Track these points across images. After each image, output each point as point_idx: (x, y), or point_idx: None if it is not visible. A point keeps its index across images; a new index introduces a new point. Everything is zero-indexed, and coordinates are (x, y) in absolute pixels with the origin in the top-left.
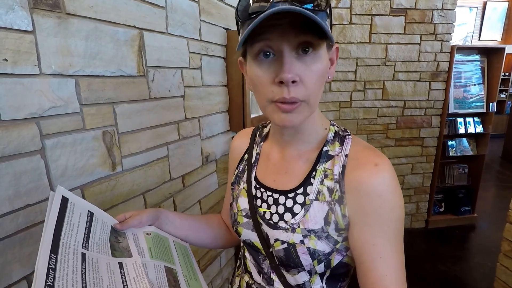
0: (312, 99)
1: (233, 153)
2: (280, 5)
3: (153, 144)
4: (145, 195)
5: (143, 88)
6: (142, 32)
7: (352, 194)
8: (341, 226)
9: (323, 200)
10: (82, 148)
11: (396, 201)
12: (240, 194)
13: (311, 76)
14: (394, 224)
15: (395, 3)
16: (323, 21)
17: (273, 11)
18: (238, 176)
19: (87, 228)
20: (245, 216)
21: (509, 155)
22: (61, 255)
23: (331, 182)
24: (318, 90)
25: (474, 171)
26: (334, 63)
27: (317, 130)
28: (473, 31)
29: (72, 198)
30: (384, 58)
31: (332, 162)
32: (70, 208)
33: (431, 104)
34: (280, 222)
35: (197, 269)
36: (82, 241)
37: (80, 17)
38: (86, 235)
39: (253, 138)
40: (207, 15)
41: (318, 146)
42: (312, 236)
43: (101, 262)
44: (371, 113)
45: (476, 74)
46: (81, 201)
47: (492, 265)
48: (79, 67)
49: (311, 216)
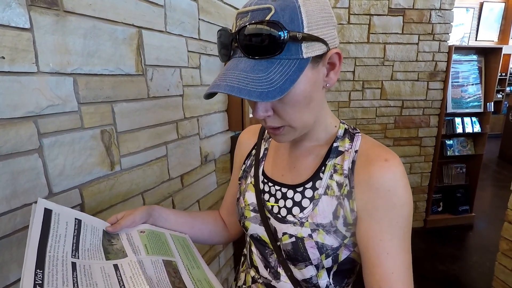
0: (294, 123)
1: (241, 148)
2: (236, 57)
3: (151, 143)
4: (143, 195)
5: (141, 87)
6: (140, 31)
7: (361, 189)
8: (349, 221)
9: (332, 194)
10: (80, 147)
11: (405, 198)
12: (248, 189)
13: (283, 108)
14: (402, 221)
15: (393, 3)
16: (288, 46)
17: (215, 91)
18: (245, 171)
19: (75, 236)
20: (252, 210)
21: (505, 155)
22: (48, 269)
23: (340, 177)
24: (299, 114)
25: (472, 170)
26: (335, 67)
27: (327, 127)
28: (470, 32)
29: (56, 209)
30: (382, 58)
31: (342, 158)
32: (54, 219)
33: (429, 103)
34: (288, 216)
35: (199, 257)
36: (71, 251)
37: (78, 15)
38: (75, 243)
39: (261, 134)
40: (206, 14)
41: (327, 142)
42: (320, 230)
43: (94, 267)
44: (370, 112)
45: (473, 74)
46: (67, 210)
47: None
48: (77, 65)
49: (319, 211)
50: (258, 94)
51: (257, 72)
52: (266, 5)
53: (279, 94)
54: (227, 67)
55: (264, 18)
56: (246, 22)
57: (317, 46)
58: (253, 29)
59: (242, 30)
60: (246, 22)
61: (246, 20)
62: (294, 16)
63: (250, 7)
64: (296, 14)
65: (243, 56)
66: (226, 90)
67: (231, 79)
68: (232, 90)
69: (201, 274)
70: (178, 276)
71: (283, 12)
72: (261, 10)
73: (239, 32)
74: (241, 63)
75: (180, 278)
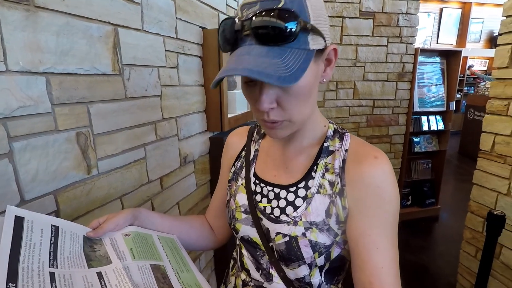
0: (295, 117)
1: (229, 150)
2: (247, 44)
3: (130, 145)
4: (122, 199)
5: (118, 87)
6: (116, 29)
7: (352, 186)
8: (341, 219)
9: (324, 193)
10: (55, 151)
11: (394, 193)
12: (239, 191)
13: (288, 100)
14: (390, 216)
15: (364, 6)
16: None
17: (234, 74)
18: (235, 173)
19: (53, 244)
20: (244, 212)
21: (465, 150)
22: (22, 281)
23: (332, 176)
24: (301, 107)
25: (437, 165)
26: (331, 63)
27: (317, 127)
28: (431, 35)
29: (29, 216)
30: (354, 59)
31: (332, 157)
32: (27, 227)
33: (398, 103)
34: (281, 216)
35: (188, 260)
36: (48, 260)
37: (50, 10)
38: (53, 252)
39: (250, 135)
40: (183, 13)
41: (318, 142)
42: (314, 228)
43: (75, 277)
44: (343, 112)
45: (436, 75)
46: (41, 217)
47: (455, 253)
48: (50, 64)
49: (313, 209)
50: (277, 78)
51: (272, 57)
52: None
53: (295, 80)
54: (239, 53)
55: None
56: (257, 10)
57: (319, 40)
58: (267, 16)
59: (257, 17)
60: (257, 11)
61: (255, 9)
62: (301, 8)
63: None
64: (303, 7)
65: (255, 44)
66: (245, 73)
67: (248, 62)
68: (252, 73)
69: (191, 277)
70: (167, 282)
71: (292, 4)
72: (271, 1)
73: (251, 19)
74: (253, 50)
75: (169, 283)
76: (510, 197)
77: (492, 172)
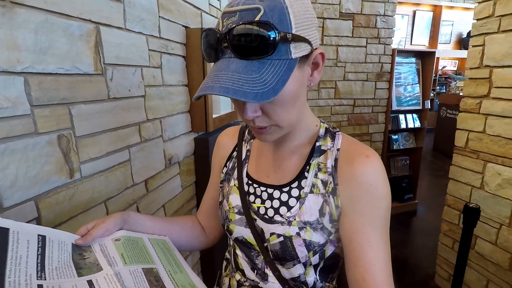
0: (281, 123)
1: (220, 150)
2: (226, 57)
3: (113, 147)
4: (106, 203)
5: (101, 87)
6: (98, 27)
7: (345, 185)
8: (334, 217)
9: (317, 192)
10: (35, 155)
11: (386, 191)
12: (231, 192)
13: (272, 108)
14: (383, 214)
15: (343, 8)
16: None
17: (211, 93)
18: (227, 173)
19: (40, 255)
20: (237, 213)
21: (439, 147)
22: None
23: (324, 175)
24: (286, 113)
25: (414, 162)
26: (319, 67)
27: (308, 127)
28: (406, 36)
29: (14, 226)
30: (335, 59)
31: (325, 156)
32: (13, 238)
33: (377, 102)
34: (275, 216)
35: (181, 260)
36: (36, 272)
37: (27, 7)
38: (40, 263)
39: (241, 135)
40: (166, 12)
41: (310, 141)
42: (308, 228)
43: (65, 287)
44: (325, 111)
45: (412, 74)
46: (27, 226)
47: (432, 245)
48: (28, 64)
49: (306, 209)
50: (253, 95)
51: (250, 73)
52: (255, 5)
53: (273, 95)
54: (218, 68)
55: (254, 19)
56: (235, 22)
57: (303, 47)
58: (245, 30)
59: (233, 30)
60: (235, 23)
61: (234, 20)
62: (282, 16)
63: (238, 6)
64: (285, 15)
65: (234, 57)
66: (221, 92)
67: (224, 80)
68: (228, 92)
69: (184, 278)
70: (160, 284)
71: (272, 13)
72: (250, 10)
73: (229, 32)
74: (232, 64)
75: (162, 285)
76: (484, 190)
77: (466, 167)
